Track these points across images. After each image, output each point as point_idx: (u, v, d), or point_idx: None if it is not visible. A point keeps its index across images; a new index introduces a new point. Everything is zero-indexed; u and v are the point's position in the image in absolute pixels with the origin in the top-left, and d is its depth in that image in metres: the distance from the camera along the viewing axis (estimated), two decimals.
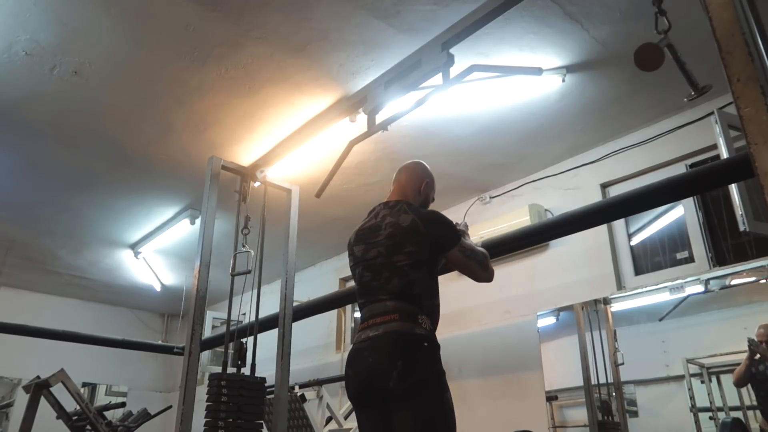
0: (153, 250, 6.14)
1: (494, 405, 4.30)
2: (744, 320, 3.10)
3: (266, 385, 3.15)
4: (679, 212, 3.79)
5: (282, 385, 3.30)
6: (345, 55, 3.25)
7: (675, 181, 2.82)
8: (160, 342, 7.67)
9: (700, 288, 3.33)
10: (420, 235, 2.13)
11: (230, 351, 3.24)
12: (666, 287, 3.48)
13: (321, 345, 6.23)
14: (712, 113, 3.07)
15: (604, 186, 4.16)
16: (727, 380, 3.23)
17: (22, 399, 5.12)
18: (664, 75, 2.20)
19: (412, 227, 2.15)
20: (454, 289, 4.78)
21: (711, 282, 3.28)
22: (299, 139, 3.65)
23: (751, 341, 2.99)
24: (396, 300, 2.08)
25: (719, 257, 3.52)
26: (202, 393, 2.88)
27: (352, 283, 5.99)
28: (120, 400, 7.81)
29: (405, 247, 2.13)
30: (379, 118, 2.83)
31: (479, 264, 2.17)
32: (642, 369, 3.58)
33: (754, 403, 3.12)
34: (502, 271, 4.56)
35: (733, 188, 2.80)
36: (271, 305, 3.89)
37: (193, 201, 5.03)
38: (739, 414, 3.16)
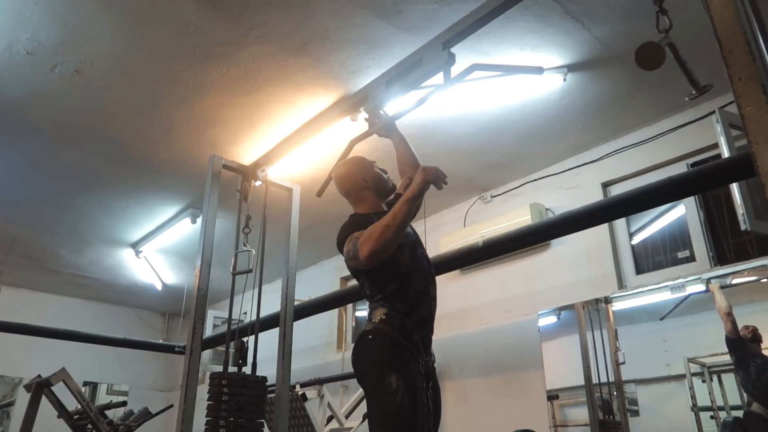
0: (154, 249, 6.15)
1: (495, 404, 4.31)
2: (745, 319, 3.10)
3: (267, 384, 3.15)
4: (680, 211, 3.79)
5: (283, 384, 3.31)
6: (346, 54, 3.25)
7: (676, 180, 2.82)
8: (161, 341, 7.69)
9: (702, 287, 3.33)
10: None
11: (231, 350, 3.24)
12: (667, 286, 3.48)
13: (322, 344, 6.24)
14: (713, 112, 3.07)
15: (605, 185, 4.16)
16: (729, 379, 3.23)
17: (23, 398, 5.13)
18: (665, 74, 2.20)
19: None
20: (455, 289, 4.80)
21: (712, 281, 3.28)
22: (300, 138, 3.65)
23: None
24: (367, 302, 2.31)
25: (720, 256, 3.52)
26: (203, 392, 2.88)
27: (352, 283, 6.02)
28: (121, 399, 7.83)
29: (345, 263, 2.33)
30: None
31: (354, 260, 2.16)
32: (643, 368, 3.59)
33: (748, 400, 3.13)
34: (503, 270, 4.57)
35: (734, 187, 2.80)
36: (272, 304, 3.89)
37: (194, 200, 5.04)
38: (740, 413, 3.16)
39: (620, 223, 4.03)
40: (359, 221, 2.29)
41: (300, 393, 4.26)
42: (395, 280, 2.20)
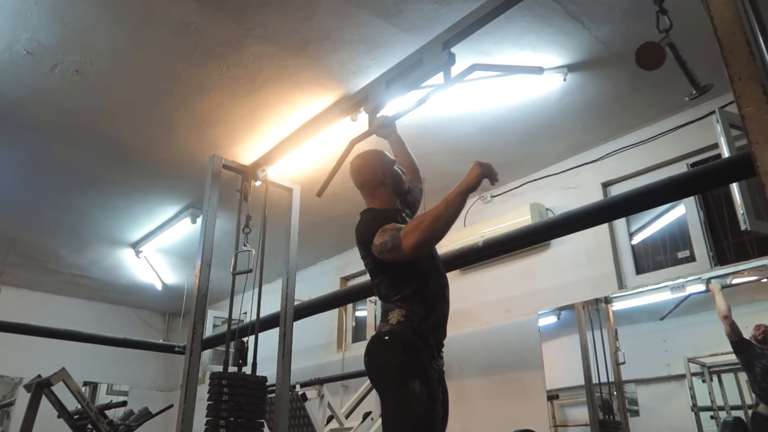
0: (154, 249, 6.15)
1: (495, 404, 4.31)
2: (745, 319, 3.10)
3: (267, 384, 3.15)
4: (681, 211, 3.79)
5: (283, 384, 3.31)
6: (346, 54, 3.25)
7: (676, 180, 2.82)
8: (161, 341, 7.69)
9: (702, 287, 3.32)
10: (359, 248, 2.22)
11: (231, 350, 3.25)
12: (667, 286, 3.48)
13: (322, 344, 6.24)
14: (713, 112, 3.07)
15: (606, 185, 4.15)
16: (729, 379, 3.23)
17: (23, 398, 5.13)
18: (665, 74, 2.20)
19: (356, 241, 2.25)
20: (455, 289, 4.77)
21: (712, 281, 3.28)
22: (300, 138, 3.66)
23: None
24: (381, 301, 2.23)
25: (720, 256, 3.52)
26: (203, 392, 2.88)
27: (352, 282, 6.03)
28: (121, 399, 7.84)
29: (362, 259, 2.25)
30: None
31: (393, 251, 2.03)
32: (643, 368, 3.59)
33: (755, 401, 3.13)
34: (503, 270, 4.57)
35: (735, 187, 2.80)
36: (272, 304, 3.89)
37: (195, 200, 5.04)
38: (740, 413, 3.16)
39: (620, 223, 4.03)
40: (384, 215, 2.21)
41: (300, 393, 4.25)
42: (414, 280, 2.13)
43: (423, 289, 2.13)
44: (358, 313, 6.23)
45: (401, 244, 1.97)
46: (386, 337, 2.07)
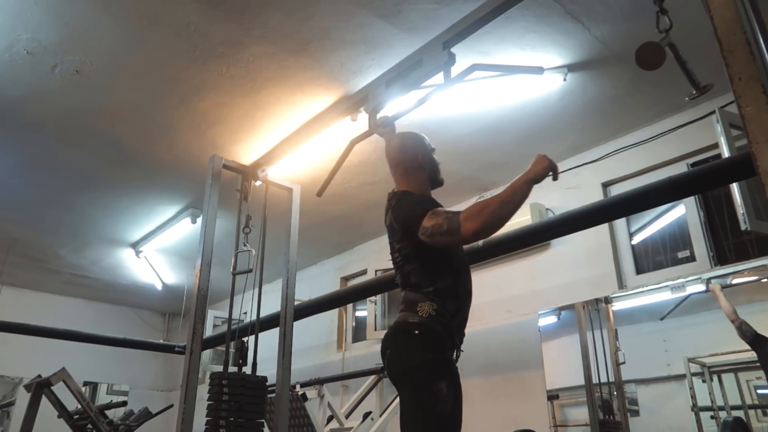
0: (154, 249, 6.15)
1: (495, 404, 4.31)
2: (746, 319, 3.10)
3: (267, 384, 3.15)
4: (681, 211, 3.79)
5: (283, 384, 3.31)
6: (346, 55, 3.25)
7: (676, 180, 2.82)
8: (161, 341, 7.69)
9: (702, 287, 3.32)
10: (396, 231, 2.13)
11: (231, 350, 3.25)
12: (667, 286, 3.48)
13: (322, 344, 6.24)
14: (713, 112, 3.07)
15: (606, 185, 4.15)
16: (729, 379, 3.23)
17: (23, 398, 5.13)
18: (665, 74, 2.20)
19: (390, 225, 2.17)
20: None
21: (712, 281, 3.28)
22: (300, 138, 3.66)
23: None
24: (405, 290, 2.10)
25: (720, 256, 3.52)
26: (203, 392, 2.88)
27: (352, 282, 6.03)
28: (121, 399, 7.85)
29: (394, 245, 2.15)
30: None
31: (448, 234, 1.91)
32: (643, 368, 3.58)
33: (756, 402, 3.12)
34: (504, 270, 4.57)
35: (735, 187, 2.80)
36: (272, 304, 3.89)
37: (195, 200, 5.04)
38: (740, 413, 3.16)
39: (620, 223, 4.03)
40: (426, 199, 2.14)
41: (300, 393, 4.25)
42: (449, 274, 2.06)
43: (456, 285, 2.06)
44: (358, 313, 6.23)
45: (460, 228, 1.87)
46: (416, 331, 1.95)
